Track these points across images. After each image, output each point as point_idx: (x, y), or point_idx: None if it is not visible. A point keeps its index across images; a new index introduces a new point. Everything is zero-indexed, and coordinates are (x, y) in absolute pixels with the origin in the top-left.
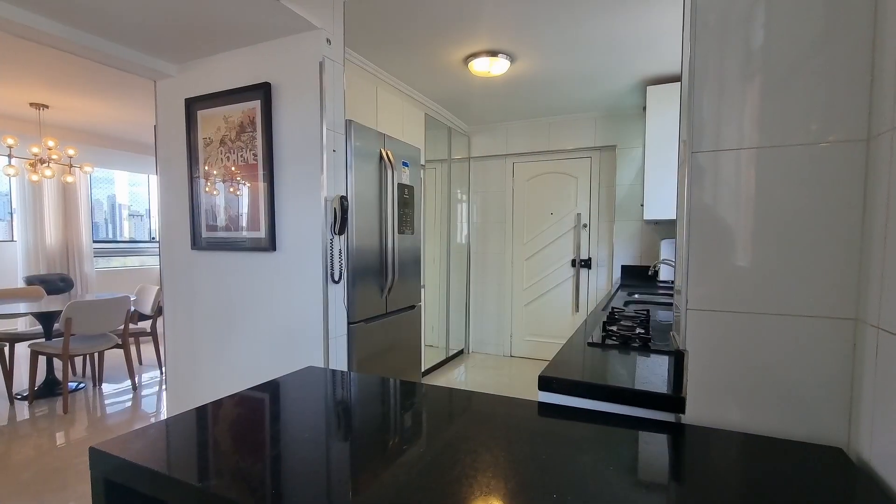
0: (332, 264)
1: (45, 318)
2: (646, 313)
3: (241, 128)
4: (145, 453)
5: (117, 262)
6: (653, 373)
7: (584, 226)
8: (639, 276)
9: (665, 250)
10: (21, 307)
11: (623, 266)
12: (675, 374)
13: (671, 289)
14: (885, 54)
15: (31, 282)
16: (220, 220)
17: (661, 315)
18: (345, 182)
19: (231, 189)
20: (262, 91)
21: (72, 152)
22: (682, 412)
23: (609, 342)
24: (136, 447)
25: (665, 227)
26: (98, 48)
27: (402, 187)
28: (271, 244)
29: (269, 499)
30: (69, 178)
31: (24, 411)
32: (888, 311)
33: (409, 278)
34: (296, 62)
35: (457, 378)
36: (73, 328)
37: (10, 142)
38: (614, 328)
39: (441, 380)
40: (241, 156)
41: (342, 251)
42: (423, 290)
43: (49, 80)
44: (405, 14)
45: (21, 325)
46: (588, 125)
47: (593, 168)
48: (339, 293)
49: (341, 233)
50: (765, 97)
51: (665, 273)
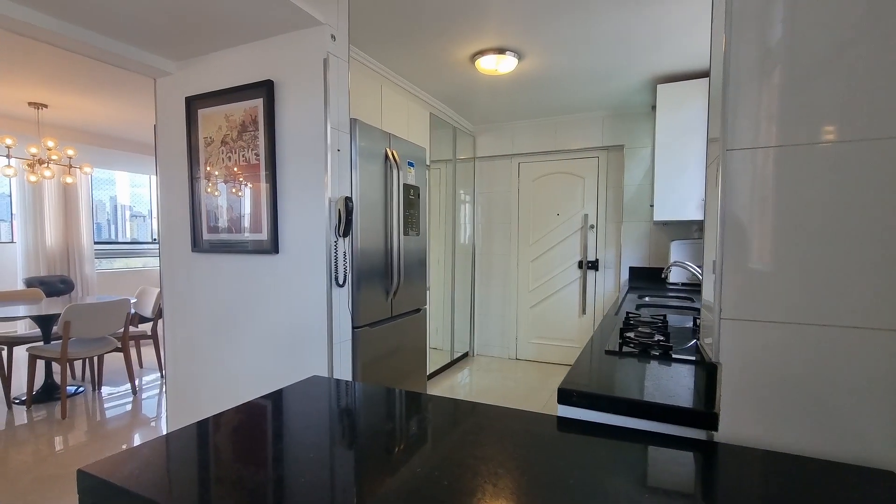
0: (336, 267)
1: (44, 322)
2: (662, 318)
3: (242, 127)
4: (138, 477)
5: (120, 264)
6: (678, 384)
7: (592, 227)
8: (648, 278)
9: (675, 252)
10: (19, 310)
11: (631, 268)
12: (707, 389)
13: (683, 291)
14: None
15: (30, 283)
16: (222, 222)
17: (677, 320)
18: (349, 182)
19: (232, 190)
20: (265, 89)
21: (71, 153)
22: (715, 429)
23: (627, 350)
24: (127, 469)
25: (675, 229)
26: (95, 44)
27: (407, 188)
28: (274, 246)
29: None
30: (69, 179)
31: (22, 416)
32: None
33: (414, 281)
34: (299, 59)
35: (462, 382)
36: (71, 331)
37: (9, 142)
38: (631, 334)
39: (446, 383)
40: (243, 155)
41: (346, 254)
42: (428, 293)
43: (48, 78)
44: (411, 9)
45: (21, 328)
46: (595, 124)
47: (601, 168)
48: (343, 297)
49: (346, 235)
50: (812, 88)
51: (676, 275)
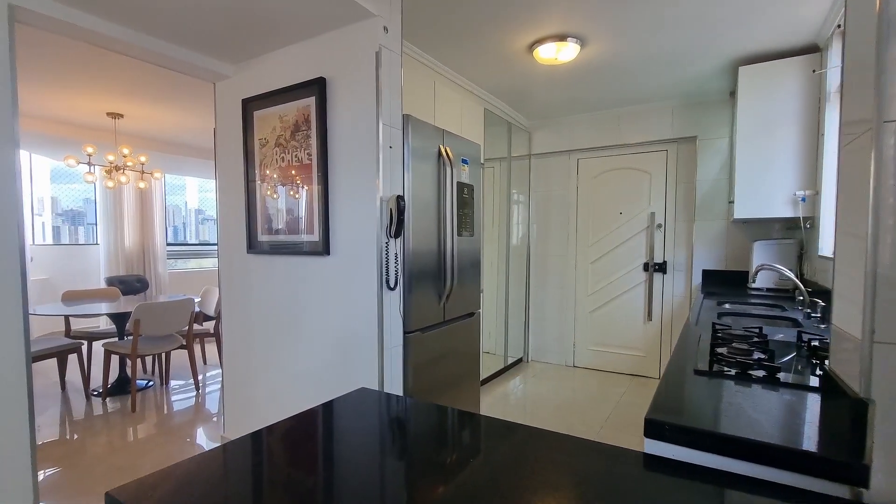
0: (387, 270)
1: (118, 319)
2: (759, 331)
3: (295, 127)
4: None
5: (193, 264)
6: (798, 420)
7: (659, 226)
8: (725, 283)
9: (759, 253)
10: (98, 307)
11: (705, 271)
12: (849, 431)
13: (769, 298)
14: None
15: (111, 282)
16: (275, 224)
17: (773, 332)
18: (401, 181)
19: (285, 191)
20: (317, 87)
21: (143, 159)
22: (865, 486)
23: (721, 369)
24: (158, 495)
25: (757, 228)
26: (160, 51)
27: (461, 186)
28: (325, 248)
29: None
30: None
31: (98, 408)
32: None
33: (467, 283)
34: (351, 54)
35: (515, 390)
36: (141, 329)
37: (90, 150)
38: (724, 350)
39: (499, 390)
40: (296, 156)
41: (398, 255)
42: (481, 296)
43: (123, 89)
44: None
45: (103, 324)
46: (664, 115)
47: (669, 162)
48: (394, 301)
49: (397, 235)
50: None
51: (761, 280)
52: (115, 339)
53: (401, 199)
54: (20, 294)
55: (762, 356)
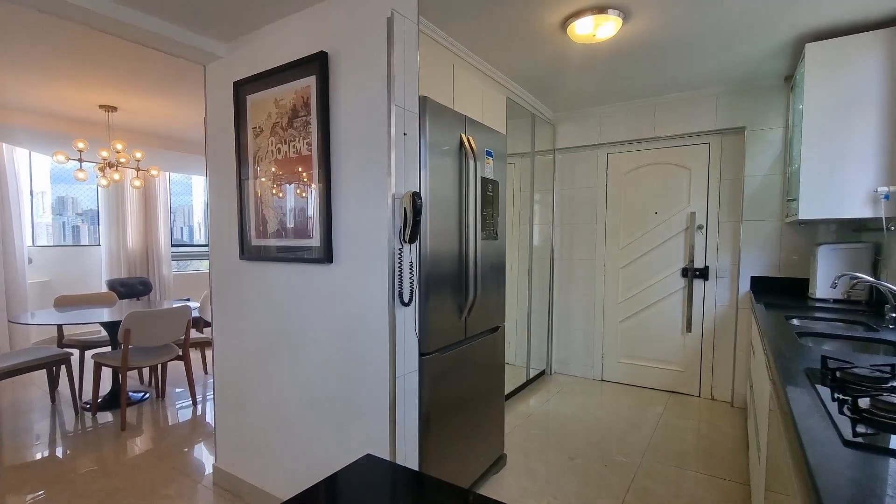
0: (400, 281)
1: (110, 327)
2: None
3: (293, 112)
4: None
5: (202, 266)
6: None
7: (700, 227)
8: (778, 292)
9: (825, 259)
10: (95, 314)
11: (755, 278)
12: None
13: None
14: None
15: (112, 285)
16: (270, 226)
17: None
18: (417, 175)
19: (281, 187)
20: (318, 63)
21: (139, 155)
22: None
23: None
24: None
25: (819, 229)
26: (143, 26)
27: (485, 182)
28: (327, 255)
29: None
30: (136, 182)
31: (87, 422)
32: None
33: (491, 294)
34: (358, 22)
35: (540, 407)
36: (132, 340)
37: (81, 145)
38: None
39: (520, 408)
40: (294, 146)
41: (413, 264)
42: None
43: (114, 78)
44: None
45: (104, 330)
46: (707, 104)
47: (712, 156)
48: (408, 318)
49: (413, 240)
50: None
51: (822, 289)
52: (107, 349)
53: (417, 196)
54: None
55: None
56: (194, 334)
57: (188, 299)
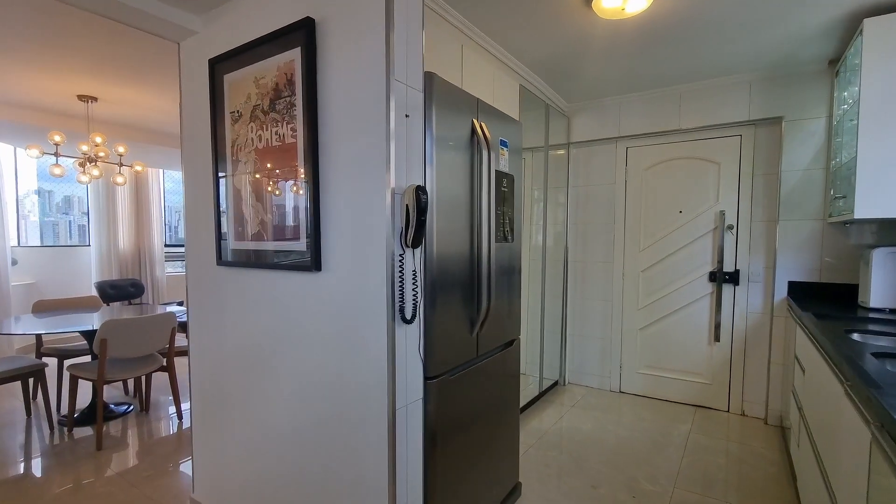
0: (402, 294)
1: (90, 335)
2: None
3: (275, 92)
4: None
5: None
6: None
7: (730, 227)
8: (822, 298)
9: (880, 264)
10: (70, 321)
11: (792, 283)
12: None
13: None
14: None
15: (101, 287)
16: (250, 227)
17: None
18: (422, 167)
19: (262, 182)
20: (303, 32)
21: (122, 150)
22: None
23: None
24: None
25: (867, 230)
26: None
27: (500, 176)
28: (315, 261)
29: None
30: (119, 179)
31: (61, 439)
32: None
33: (506, 304)
34: None
35: (554, 424)
36: (109, 350)
37: (57, 138)
38: None
39: (534, 425)
40: (277, 133)
41: (418, 272)
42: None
43: (93, 65)
44: None
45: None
46: (739, 92)
47: (744, 150)
48: (411, 337)
49: (416, 244)
50: None
51: (877, 297)
52: (86, 359)
53: (421, 191)
54: None
55: None
56: (183, 342)
57: (181, 302)
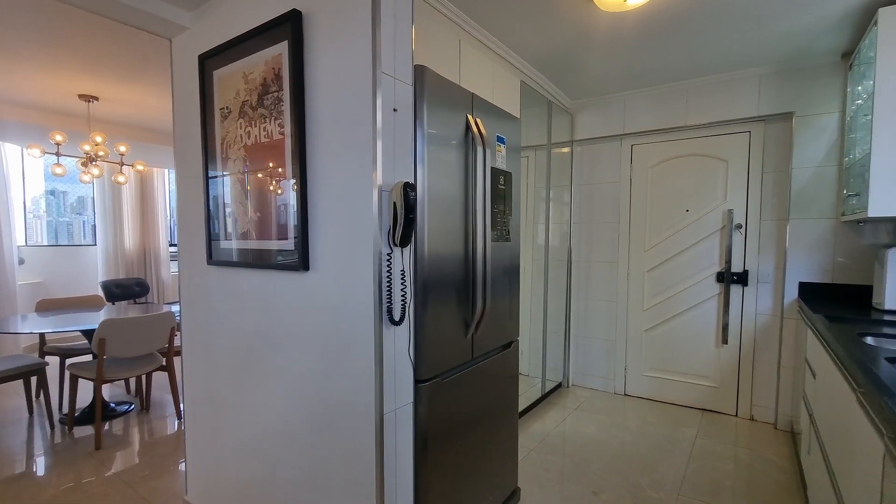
0: (389, 295)
1: (90, 335)
2: None
3: (263, 87)
4: None
5: None
6: None
7: (738, 226)
8: (834, 300)
9: None
10: (72, 320)
11: (803, 284)
12: None
13: None
14: None
15: (106, 286)
16: (239, 226)
17: None
18: (412, 163)
19: (251, 180)
20: (290, 25)
21: (123, 149)
22: None
23: None
24: None
25: (882, 230)
26: None
27: (496, 173)
28: (303, 261)
29: None
30: (121, 178)
31: (62, 438)
32: None
33: (504, 304)
34: None
35: (557, 428)
36: (108, 349)
37: (59, 138)
38: None
39: (536, 428)
40: (265, 129)
41: (406, 272)
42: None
43: (92, 64)
44: None
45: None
46: (748, 86)
47: (754, 146)
48: (400, 339)
49: (405, 243)
50: None
51: (892, 299)
52: (87, 358)
53: (410, 188)
54: None
55: None
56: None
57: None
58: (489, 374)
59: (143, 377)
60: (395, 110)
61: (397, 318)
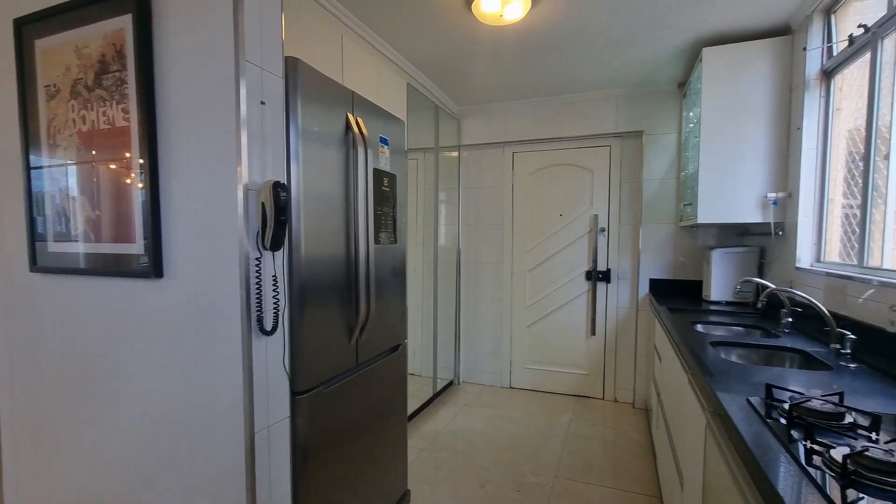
0: (259, 302)
1: None
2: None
3: (102, 65)
4: None
5: None
6: None
7: (602, 230)
8: (674, 293)
9: (720, 263)
10: None
11: (653, 280)
12: None
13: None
14: None
15: None
16: (75, 225)
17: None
18: (285, 162)
19: (89, 172)
20: None
21: None
22: None
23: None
24: None
25: (705, 233)
26: None
27: (379, 175)
28: (155, 267)
29: None
30: None
31: None
32: None
33: (391, 307)
34: None
35: (448, 426)
36: None
37: None
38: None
39: (428, 428)
40: (105, 114)
41: (279, 277)
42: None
43: None
44: None
45: None
46: (608, 106)
47: (613, 159)
48: (274, 350)
49: (276, 247)
50: None
51: (717, 291)
52: None
53: (281, 188)
54: None
55: None
56: None
57: None
58: (376, 379)
59: None
60: (262, 103)
61: (269, 327)
